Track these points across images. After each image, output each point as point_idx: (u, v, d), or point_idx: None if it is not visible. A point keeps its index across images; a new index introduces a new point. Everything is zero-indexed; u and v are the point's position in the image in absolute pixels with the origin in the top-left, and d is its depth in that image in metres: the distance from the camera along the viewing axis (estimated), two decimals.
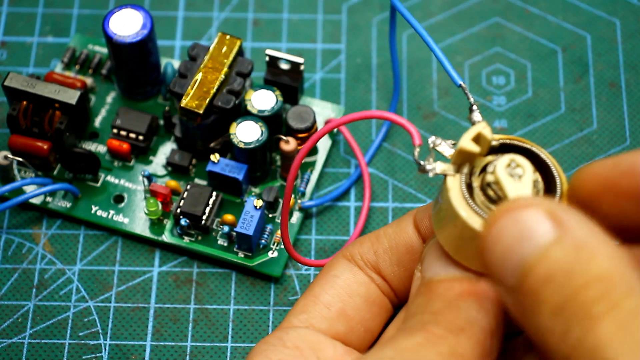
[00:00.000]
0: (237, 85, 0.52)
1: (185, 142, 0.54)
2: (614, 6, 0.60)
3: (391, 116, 0.41)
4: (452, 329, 0.38)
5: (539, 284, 0.33)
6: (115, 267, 0.53)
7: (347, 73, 0.58)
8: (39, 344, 0.50)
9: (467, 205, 0.38)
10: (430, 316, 0.38)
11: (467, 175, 0.39)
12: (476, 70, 0.58)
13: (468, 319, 0.38)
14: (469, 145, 0.38)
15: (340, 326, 0.42)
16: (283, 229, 0.45)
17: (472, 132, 0.38)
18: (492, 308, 0.38)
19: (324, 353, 0.40)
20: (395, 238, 0.43)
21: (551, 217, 0.34)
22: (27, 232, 0.53)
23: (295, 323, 0.42)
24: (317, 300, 0.43)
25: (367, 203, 0.53)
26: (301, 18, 0.60)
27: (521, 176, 0.37)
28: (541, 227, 0.34)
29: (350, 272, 0.43)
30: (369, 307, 0.43)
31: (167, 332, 0.51)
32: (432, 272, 0.40)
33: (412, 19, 0.47)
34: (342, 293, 0.43)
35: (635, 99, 0.57)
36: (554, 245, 0.33)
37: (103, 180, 0.54)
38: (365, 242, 0.44)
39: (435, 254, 0.40)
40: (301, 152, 0.42)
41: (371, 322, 0.43)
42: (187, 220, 0.51)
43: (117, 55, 0.53)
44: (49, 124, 0.53)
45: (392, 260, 0.43)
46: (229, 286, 0.52)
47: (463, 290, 0.39)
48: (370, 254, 0.44)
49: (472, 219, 0.38)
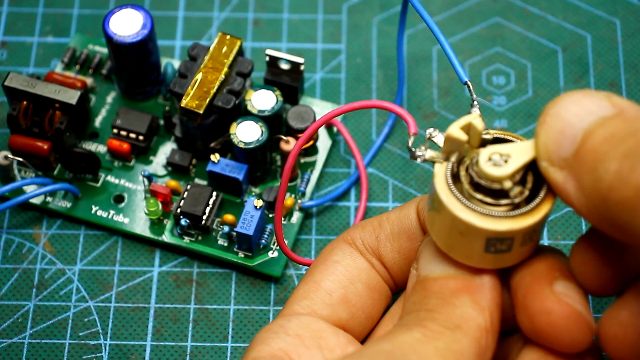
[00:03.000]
0: (237, 85, 0.52)
1: (186, 142, 0.54)
2: (614, 6, 0.60)
3: (389, 105, 0.41)
4: (448, 325, 0.38)
5: (600, 142, 0.35)
6: (115, 267, 0.53)
7: (347, 73, 0.58)
8: (39, 344, 0.51)
9: (449, 190, 0.38)
10: (426, 313, 0.39)
11: (455, 163, 0.39)
12: (476, 70, 0.58)
13: (463, 315, 0.38)
14: (456, 132, 0.38)
15: (342, 313, 0.42)
16: (277, 226, 0.45)
17: (462, 121, 0.39)
18: (488, 305, 0.39)
19: (326, 342, 0.40)
20: (397, 224, 0.43)
21: (609, 100, 0.36)
22: (28, 232, 0.53)
23: (297, 310, 0.42)
24: (319, 286, 0.42)
25: (364, 203, 0.53)
26: (301, 18, 0.60)
27: (504, 163, 0.38)
28: (601, 104, 0.36)
29: (351, 258, 0.43)
30: (370, 293, 0.43)
31: (167, 332, 0.51)
32: (427, 270, 0.40)
33: (425, 13, 0.47)
34: (343, 279, 0.43)
35: (635, 99, 0.57)
36: (614, 118, 0.35)
37: (103, 180, 0.54)
38: (367, 227, 0.44)
39: (430, 252, 0.40)
40: (298, 142, 0.42)
41: (372, 309, 0.43)
42: (187, 220, 0.51)
43: (117, 55, 0.53)
44: (49, 124, 0.53)
45: (393, 247, 0.43)
46: (229, 286, 0.52)
47: (457, 288, 0.39)
48: (371, 238, 0.43)
49: (452, 203, 0.38)
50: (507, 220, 0.38)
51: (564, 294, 0.38)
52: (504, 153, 0.38)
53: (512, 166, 0.38)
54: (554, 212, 0.54)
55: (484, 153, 0.38)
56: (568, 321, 0.38)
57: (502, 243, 0.38)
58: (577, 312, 0.38)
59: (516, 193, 0.38)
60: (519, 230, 0.38)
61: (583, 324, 0.38)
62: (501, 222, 0.38)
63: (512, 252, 0.39)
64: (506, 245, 0.38)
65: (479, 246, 0.38)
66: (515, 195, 0.38)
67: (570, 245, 0.53)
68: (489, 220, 0.38)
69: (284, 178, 0.43)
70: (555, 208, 0.54)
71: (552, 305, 0.38)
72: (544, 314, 0.38)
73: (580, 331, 0.38)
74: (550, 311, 0.38)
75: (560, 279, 0.39)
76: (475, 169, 0.38)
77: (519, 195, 0.38)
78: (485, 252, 0.39)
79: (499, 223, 0.38)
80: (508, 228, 0.38)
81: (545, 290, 0.38)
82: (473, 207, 0.38)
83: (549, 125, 0.36)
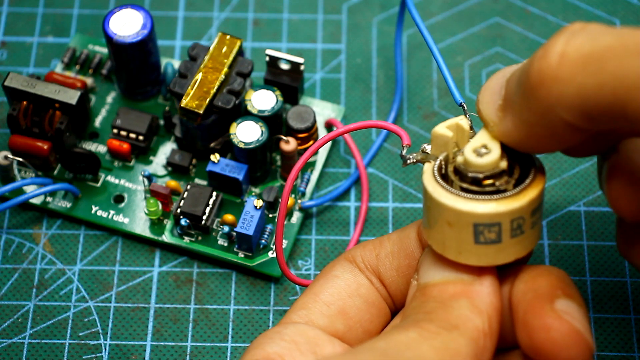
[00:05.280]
0: (237, 85, 0.52)
1: (186, 142, 0.54)
2: (614, 6, 0.60)
3: (382, 124, 0.44)
4: (445, 326, 0.38)
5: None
6: (115, 267, 0.53)
7: (347, 73, 0.58)
8: (39, 344, 0.51)
9: (435, 181, 0.40)
10: (424, 315, 0.39)
11: (443, 162, 0.41)
12: (476, 70, 0.58)
13: (461, 317, 0.39)
14: (441, 130, 0.40)
15: (339, 325, 0.42)
16: (278, 244, 0.46)
17: (448, 121, 0.41)
18: (486, 309, 0.39)
19: (321, 349, 0.40)
20: (398, 243, 0.44)
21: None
22: (27, 232, 0.53)
23: (294, 319, 0.42)
24: (317, 298, 0.43)
25: (365, 204, 0.53)
26: (301, 18, 0.60)
27: (488, 153, 0.39)
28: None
29: (351, 274, 0.44)
30: (368, 308, 0.43)
31: (167, 332, 0.51)
32: (427, 277, 0.41)
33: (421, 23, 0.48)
34: (342, 292, 0.43)
35: None
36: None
37: (103, 180, 0.54)
38: (368, 245, 0.44)
39: (430, 260, 0.41)
40: (298, 163, 0.44)
41: (369, 324, 0.43)
42: (187, 220, 0.51)
43: (117, 55, 0.53)
44: (49, 124, 0.53)
45: (392, 265, 0.44)
46: (229, 286, 0.52)
47: (456, 292, 0.39)
48: (371, 256, 0.44)
49: (437, 192, 0.39)
50: (491, 202, 0.39)
51: (564, 311, 0.38)
52: (487, 144, 0.40)
53: (496, 151, 0.39)
54: (554, 212, 0.54)
55: (469, 146, 0.39)
56: (567, 339, 0.38)
57: (490, 230, 0.39)
58: (577, 330, 0.38)
59: (502, 182, 0.39)
60: (504, 213, 0.39)
61: (582, 343, 0.38)
62: (485, 203, 0.39)
63: (503, 244, 0.39)
64: (495, 233, 0.39)
65: (468, 236, 0.39)
66: (501, 184, 0.39)
67: (570, 246, 0.53)
68: (473, 203, 0.39)
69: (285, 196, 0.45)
70: (555, 208, 0.54)
71: (552, 322, 0.38)
72: (544, 330, 0.38)
73: (578, 350, 0.38)
74: (550, 328, 0.38)
75: (562, 297, 0.39)
76: (461, 163, 0.40)
77: (504, 184, 0.39)
78: (476, 244, 0.39)
79: (483, 204, 0.39)
80: (493, 210, 0.38)
81: (546, 307, 0.38)
82: (458, 193, 0.39)
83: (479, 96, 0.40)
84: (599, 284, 0.52)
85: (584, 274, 0.52)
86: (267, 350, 0.40)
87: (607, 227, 0.53)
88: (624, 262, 0.52)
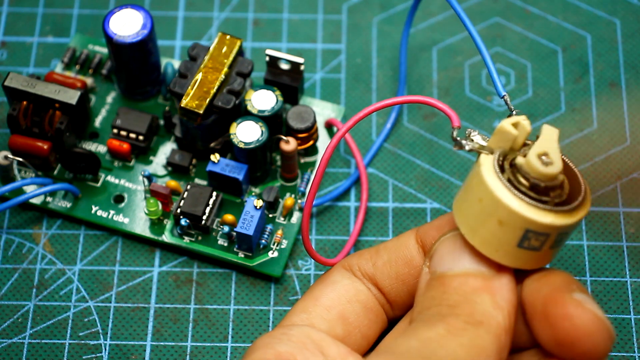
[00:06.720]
0: (237, 85, 0.52)
1: (186, 142, 0.54)
2: (614, 6, 0.60)
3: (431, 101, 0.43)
4: (470, 321, 0.39)
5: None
6: (115, 267, 0.53)
7: (347, 73, 0.58)
8: (39, 344, 0.51)
9: (497, 177, 0.39)
10: (448, 309, 0.39)
11: (501, 157, 0.40)
12: (476, 70, 0.58)
13: (485, 313, 0.39)
14: (508, 127, 0.40)
15: (338, 329, 0.43)
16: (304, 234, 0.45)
17: (513, 118, 0.40)
18: (506, 305, 0.39)
19: (327, 350, 0.40)
20: (395, 251, 0.44)
21: None
22: (27, 232, 0.53)
23: (296, 322, 0.42)
24: (317, 302, 0.43)
25: (365, 204, 0.53)
26: (301, 18, 0.60)
27: (550, 164, 0.39)
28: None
29: (349, 280, 0.44)
30: (367, 313, 0.43)
31: (167, 332, 0.51)
32: (444, 267, 0.41)
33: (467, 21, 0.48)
34: (342, 298, 0.43)
35: (635, 99, 0.57)
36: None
37: (103, 180, 0.54)
38: (364, 254, 0.45)
39: (448, 249, 0.41)
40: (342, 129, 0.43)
41: (368, 329, 0.43)
42: (187, 220, 0.51)
43: (117, 55, 0.53)
44: (49, 124, 0.53)
45: (390, 273, 0.44)
46: (229, 286, 0.52)
47: (478, 286, 0.40)
48: (368, 265, 0.44)
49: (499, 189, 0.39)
50: (550, 214, 0.39)
51: (584, 300, 0.39)
52: (549, 153, 0.39)
53: (559, 163, 0.39)
54: None
55: (533, 151, 0.39)
56: (591, 326, 0.38)
57: (537, 238, 0.39)
58: (599, 317, 0.38)
59: (556, 194, 0.39)
60: (558, 227, 0.39)
61: (605, 330, 0.38)
62: (545, 214, 0.39)
63: (541, 252, 0.40)
64: (540, 241, 0.39)
65: (514, 238, 0.39)
66: (555, 196, 0.39)
67: (570, 246, 0.53)
68: (534, 211, 0.38)
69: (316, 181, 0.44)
70: None
71: (574, 310, 0.38)
72: (567, 319, 0.38)
73: (601, 336, 0.38)
74: (572, 316, 0.38)
75: (577, 291, 0.39)
76: (523, 164, 0.39)
77: (558, 197, 0.39)
78: (517, 247, 0.39)
79: (543, 215, 0.39)
80: (550, 222, 0.38)
81: (566, 297, 0.39)
82: (520, 196, 0.39)
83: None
84: (599, 284, 0.52)
85: (584, 274, 0.52)
86: (278, 349, 0.40)
87: (607, 227, 0.53)
88: (624, 262, 0.52)
